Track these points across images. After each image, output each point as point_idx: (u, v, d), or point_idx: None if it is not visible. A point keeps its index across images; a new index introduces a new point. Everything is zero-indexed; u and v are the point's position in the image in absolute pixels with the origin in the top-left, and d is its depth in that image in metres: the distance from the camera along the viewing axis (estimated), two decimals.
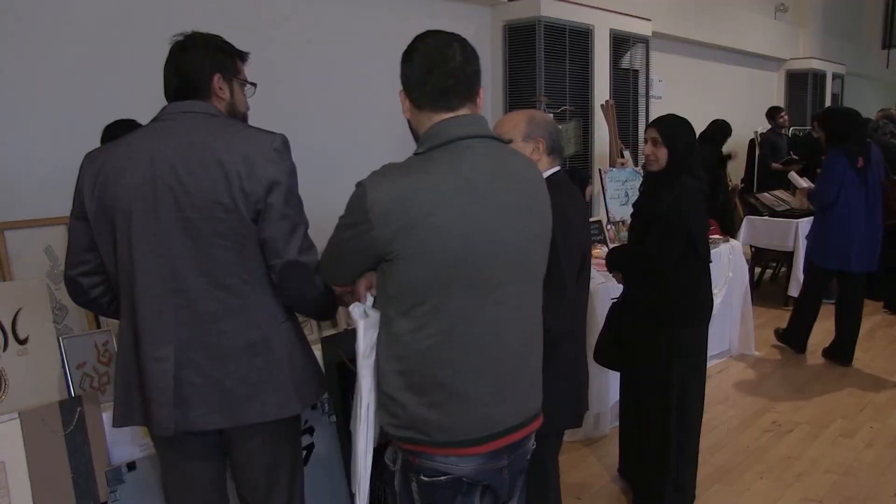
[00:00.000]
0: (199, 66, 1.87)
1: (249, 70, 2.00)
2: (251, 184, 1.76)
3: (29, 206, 2.86)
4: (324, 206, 2.28)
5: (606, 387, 3.88)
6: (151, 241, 1.78)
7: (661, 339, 2.97)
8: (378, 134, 4.59)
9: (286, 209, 1.80)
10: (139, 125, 2.07)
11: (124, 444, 2.27)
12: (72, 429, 2.16)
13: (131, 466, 2.22)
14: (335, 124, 4.52)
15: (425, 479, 1.63)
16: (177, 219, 1.77)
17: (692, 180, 2.91)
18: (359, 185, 1.59)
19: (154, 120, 1.87)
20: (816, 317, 5.41)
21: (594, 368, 2.85)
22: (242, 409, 1.85)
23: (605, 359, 3.20)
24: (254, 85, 2.01)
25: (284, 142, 1.85)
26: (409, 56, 1.65)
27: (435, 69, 1.61)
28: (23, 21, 3.15)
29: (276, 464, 2.00)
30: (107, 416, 2.17)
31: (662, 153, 2.91)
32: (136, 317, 1.82)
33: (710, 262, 3.08)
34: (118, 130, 2.49)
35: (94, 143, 1.94)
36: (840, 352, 5.25)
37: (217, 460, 2.00)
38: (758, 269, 7.37)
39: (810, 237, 5.26)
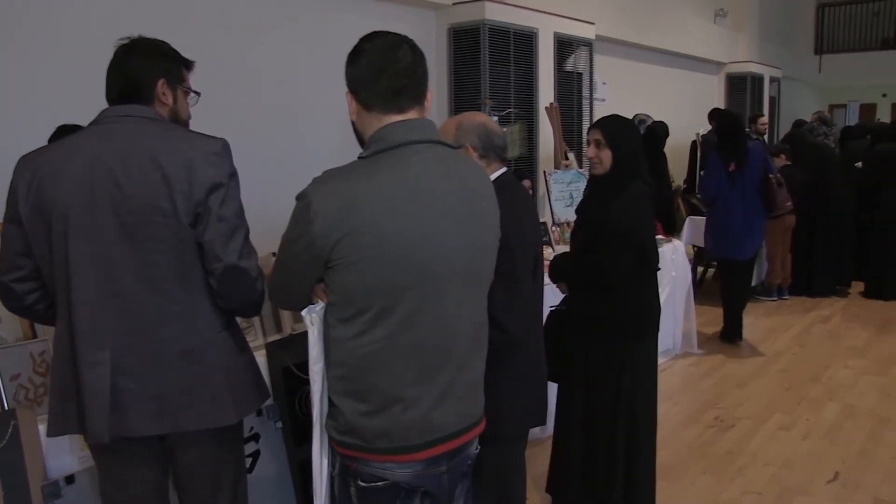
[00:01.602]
0: (144, 70, 1.85)
1: (196, 74, 1.98)
2: (190, 187, 1.73)
3: None
4: (273, 209, 2.27)
5: (552, 385, 3.87)
6: (88, 244, 1.74)
7: (613, 356, 2.82)
8: (325, 136, 4.55)
9: (225, 212, 1.78)
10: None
11: (63, 456, 2.20)
12: (5, 443, 2.09)
13: (70, 480, 2.16)
14: (283, 127, 4.48)
15: (363, 484, 1.61)
16: (114, 223, 1.73)
17: (641, 185, 2.79)
18: (301, 196, 1.55)
19: (93, 123, 1.83)
20: (741, 306, 5.78)
21: None
22: (177, 416, 1.82)
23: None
24: (197, 94, 1.99)
25: (225, 146, 1.83)
26: (356, 56, 1.60)
27: (386, 70, 1.57)
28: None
29: (218, 470, 1.97)
30: (43, 429, 2.08)
31: (606, 155, 2.76)
32: (72, 321, 1.78)
33: (659, 269, 2.97)
34: (65, 135, 2.42)
35: None
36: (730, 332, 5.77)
37: (158, 467, 1.96)
38: (700, 269, 7.53)
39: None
